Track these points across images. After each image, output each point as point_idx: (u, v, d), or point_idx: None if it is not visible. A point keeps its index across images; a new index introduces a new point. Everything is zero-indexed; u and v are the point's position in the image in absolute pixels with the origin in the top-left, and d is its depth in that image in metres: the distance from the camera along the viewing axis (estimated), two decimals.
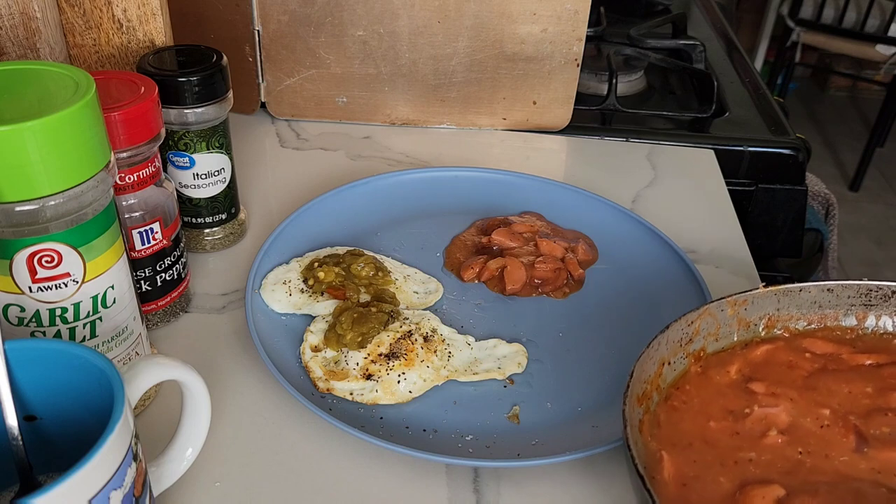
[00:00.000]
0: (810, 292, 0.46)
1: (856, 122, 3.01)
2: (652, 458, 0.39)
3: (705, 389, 0.43)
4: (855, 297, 0.46)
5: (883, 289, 0.46)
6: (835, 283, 0.46)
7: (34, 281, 0.39)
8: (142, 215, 0.51)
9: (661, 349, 0.42)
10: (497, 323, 0.57)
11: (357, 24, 0.77)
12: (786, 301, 0.46)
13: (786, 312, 0.46)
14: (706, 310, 0.44)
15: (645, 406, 0.41)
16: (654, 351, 0.41)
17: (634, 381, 0.39)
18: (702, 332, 0.45)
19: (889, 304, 0.46)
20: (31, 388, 0.35)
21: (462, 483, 0.46)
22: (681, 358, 0.44)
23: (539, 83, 0.80)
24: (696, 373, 0.44)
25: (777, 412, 0.41)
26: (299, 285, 0.57)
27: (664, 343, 0.42)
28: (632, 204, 0.73)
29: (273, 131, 0.83)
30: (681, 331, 0.43)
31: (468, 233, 0.66)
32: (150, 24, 0.59)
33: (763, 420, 0.41)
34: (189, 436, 0.41)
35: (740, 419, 0.41)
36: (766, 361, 0.44)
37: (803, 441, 0.40)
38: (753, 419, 0.41)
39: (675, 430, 0.41)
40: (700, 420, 0.41)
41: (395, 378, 0.50)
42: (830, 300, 0.46)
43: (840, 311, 0.47)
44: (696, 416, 0.41)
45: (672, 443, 0.40)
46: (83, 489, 0.30)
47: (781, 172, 0.84)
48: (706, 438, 0.40)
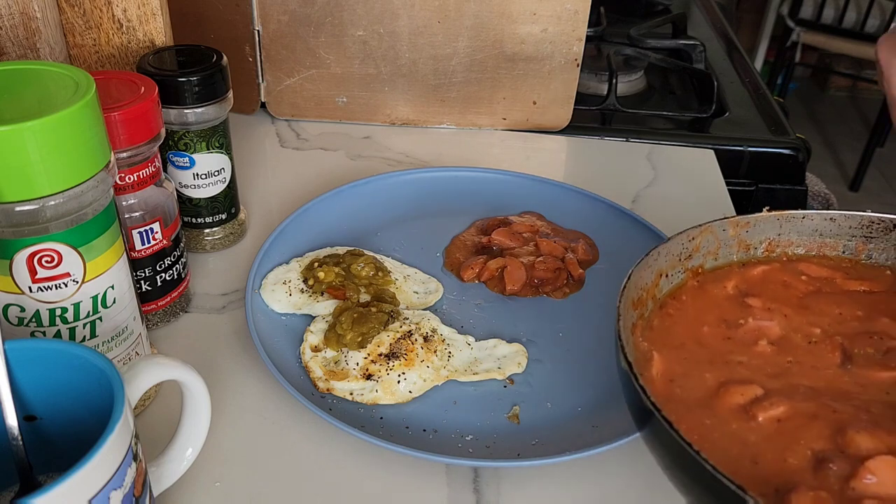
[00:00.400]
0: (812, 220, 0.46)
1: (856, 122, 3.01)
2: (642, 356, 0.40)
3: (701, 300, 0.43)
4: (856, 228, 0.46)
5: (885, 221, 0.46)
6: (837, 213, 0.46)
7: (34, 281, 0.39)
8: (142, 215, 0.51)
9: (659, 259, 0.43)
10: (497, 323, 0.57)
11: (357, 24, 0.77)
12: (787, 227, 0.46)
13: (786, 238, 0.47)
14: (708, 227, 0.45)
15: (639, 312, 0.42)
16: (652, 260, 0.42)
17: (630, 285, 0.40)
18: (702, 248, 0.45)
19: (889, 237, 0.46)
20: (31, 388, 0.35)
21: (462, 483, 0.46)
22: (678, 272, 0.44)
23: (539, 83, 0.80)
24: (692, 286, 0.44)
25: (770, 325, 0.42)
26: (299, 285, 0.57)
27: (663, 254, 0.43)
28: (632, 204, 0.73)
29: (273, 131, 0.83)
30: (681, 245, 0.44)
31: (468, 233, 0.66)
32: (150, 24, 0.59)
33: (756, 330, 0.41)
34: (189, 436, 0.41)
35: (734, 327, 0.42)
36: (762, 280, 0.45)
37: (792, 352, 0.41)
38: (747, 329, 0.41)
39: (668, 332, 0.41)
40: (694, 325, 0.42)
41: (395, 378, 0.50)
42: (832, 229, 0.46)
43: (840, 240, 0.47)
44: (691, 322, 0.42)
45: (663, 343, 0.41)
46: (83, 489, 0.30)
47: (781, 172, 0.84)
48: (698, 340, 0.41)
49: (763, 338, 0.41)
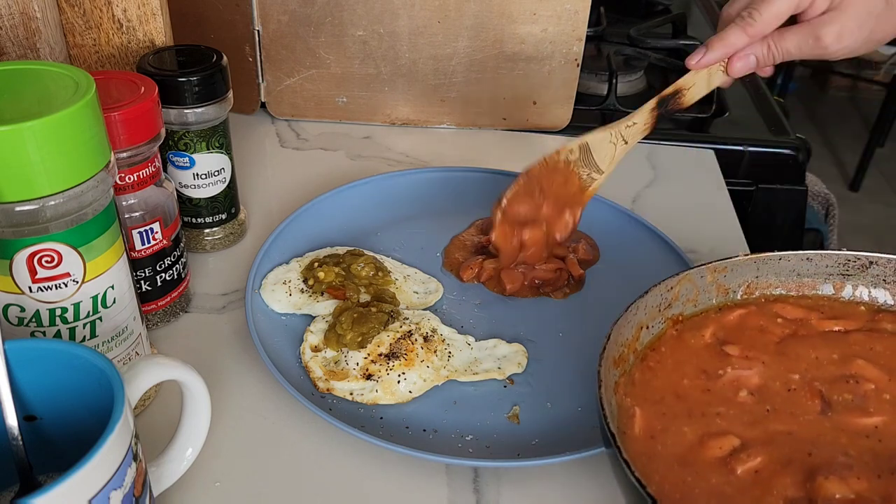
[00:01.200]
0: (789, 261, 0.47)
1: (856, 122, 3.01)
2: (625, 414, 0.40)
3: (680, 351, 0.44)
4: (833, 267, 0.47)
5: (860, 259, 0.46)
6: (814, 253, 0.47)
7: (34, 281, 0.39)
8: (142, 215, 0.51)
9: (639, 313, 0.43)
10: (497, 323, 0.57)
11: (357, 24, 0.77)
12: (765, 269, 0.47)
13: (764, 280, 0.47)
14: (686, 276, 0.45)
15: (622, 369, 0.42)
16: (632, 315, 0.42)
17: (611, 344, 0.40)
18: (681, 297, 0.45)
19: (866, 274, 0.46)
20: (31, 388, 0.35)
21: (462, 483, 0.46)
22: (658, 322, 0.44)
23: (539, 83, 0.80)
24: (671, 335, 0.44)
25: (749, 374, 0.42)
26: (299, 285, 0.57)
27: (642, 307, 0.43)
28: (632, 204, 0.73)
29: (273, 131, 0.83)
30: (660, 296, 0.44)
31: (468, 233, 0.66)
32: (150, 24, 0.59)
33: (735, 381, 0.42)
34: (189, 436, 0.41)
35: (713, 378, 0.42)
36: (739, 326, 0.45)
37: (771, 400, 0.41)
38: (726, 380, 0.42)
39: (649, 387, 0.41)
40: (674, 377, 0.42)
41: (395, 378, 0.50)
42: (809, 269, 0.47)
43: (818, 280, 0.47)
44: (670, 374, 0.42)
45: (645, 398, 0.41)
46: (83, 489, 0.30)
47: (781, 172, 0.84)
48: (678, 393, 0.41)
49: (743, 388, 0.41)
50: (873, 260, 0.46)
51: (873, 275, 0.46)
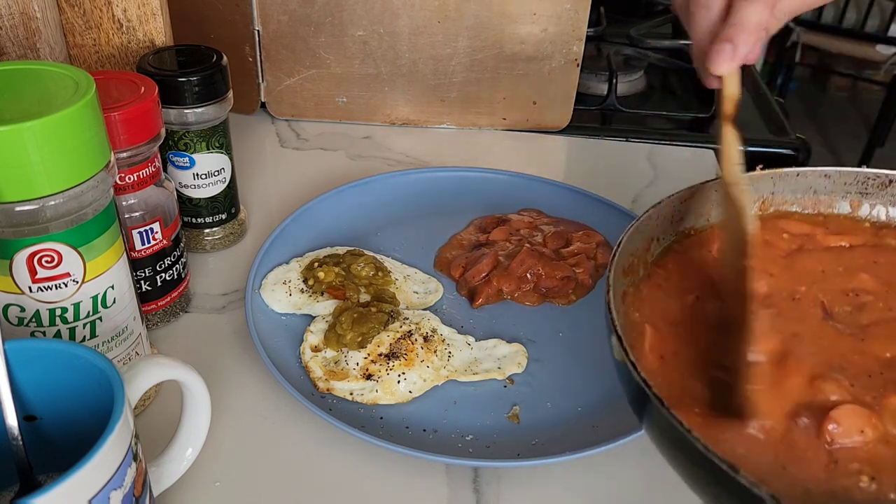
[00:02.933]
0: (807, 177, 0.45)
1: (856, 122, 3.01)
2: (634, 329, 0.39)
3: (687, 266, 0.42)
4: (851, 185, 0.45)
5: (880, 176, 0.45)
6: (832, 169, 0.45)
7: (34, 281, 0.39)
8: (142, 215, 0.51)
9: (651, 224, 0.42)
10: (497, 323, 0.57)
11: (357, 24, 0.77)
12: (781, 185, 0.45)
13: (780, 196, 0.46)
14: (700, 188, 0.44)
15: (631, 279, 0.41)
16: (643, 226, 0.41)
17: (620, 253, 0.39)
18: (693, 210, 0.44)
19: (885, 192, 0.45)
20: (31, 388, 0.35)
21: (462, 483, 0.46)
22: (670, 236, 0.43)
23: (539, 83, 0.80)
24: (676, 251, 0.43)
25: (758, 285, 0.41)
26: (299, 285, 0.57)
27: (654, 218, 0.42)
28: (632, 204, 0.73)
29: (273, 131, 0.83)
30: (672, 207, 0.43)
31: (466, 232, 0.66)
32: (150, 24, 0.59)
33: None
34: (189, 436, 0.41)
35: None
36: None
37: (777, 305, 0.40)
38: None
39: (658, 303, 0.40)
40: (682, 294, 0.41)
41: (395, 378, 0.50)
42: (826, 186, 0.45)
43: (835, 197, 0.46)
44: (678, 290, 0.41)
45: (654, 314, 0.40)
46: (83, 489, 0.30)
47: None
48: (685, 308, 0.40)
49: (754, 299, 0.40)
50: (893, 178, 0.45)
51: (892, 193, 0.45)
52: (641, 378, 0.32)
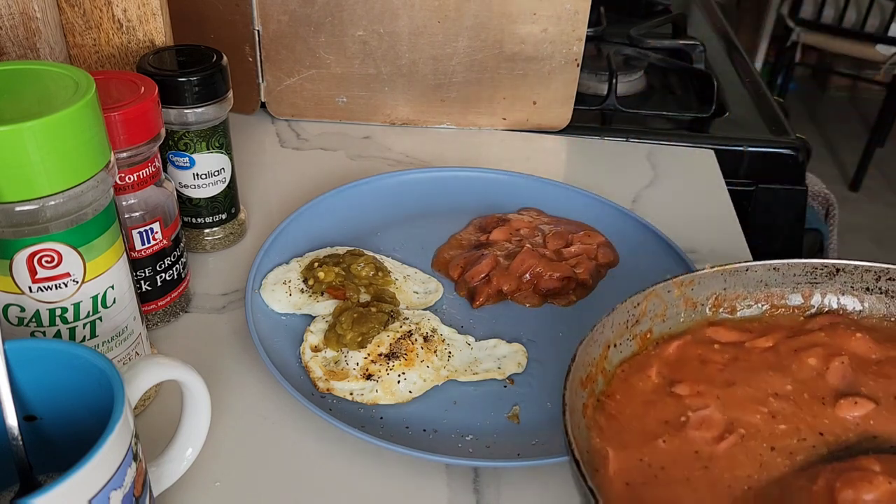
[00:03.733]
0: (756, 271, 0.46)
1: (856, 122, 3.01)
2: (597, 453, 0.38)
3: (633, 396, 0.42)
4: (801, 276, 0.46)
5: (828, 266, 0.46)
6: (781, 262, 0.46)
7: (34, 281, 0.39)
8: (142, 215, 0.51)
9: (605, 332, 0.42)
10: (497, 323, 0.57)
11: (357, 24, 0.77)
12: (732, 280, 0.46)
13: (732, 291, 0.46)
14: (652, 291, 0.44)
15: (589, 389, 0.41)
16: (598, 334, 0.41)
17: (577, 366, 0.39)
18: (648, 313, 0.44)
19: (834, 281, 0.46)
20: (31, 388, 0.35)
21: (462, 483, 0.46)
22: (627, 340, 0.44)
23: (539, 83, 0.80)
24: (620, 377, 0.43)
25: (709, 413, 0.40)
26: (299, 285, 0.57)
27: (609, 326, 0.42)
28: (632, 204, 0.73)
29: (273, 131, 0.83)
30: (627, 313, 0.43)
31: (466, 231, 0.66)
32: (150, 24, 0.59)
33: (701, 423, 0.40)
34: (189, 436, 0.41)
35: (680, 428, 0.40)
36: (679, 359, 0.44)
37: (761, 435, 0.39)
38: (692, 425, 0.40)
39: (620, 433, 0.40)
40: (642, 434, 0.40)
41: (395, 378, 0.50)
42: (776, 279, 0.46)
43: (786, 289, 0.46)
44: (633, 424, 0.40)
45: (618, 443, 0.39)
46: (83, 489, 0.30)
47: (781, 172, 0.84)
48: (653, 455, 0.39)
49: (713, 428, 0.39)
50: (840, 267, 0.46)
51: (841, 282, 0.46)
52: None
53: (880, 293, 0.46)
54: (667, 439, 0.39)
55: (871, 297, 0.46)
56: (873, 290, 0.46)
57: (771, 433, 0.39)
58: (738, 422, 0.40)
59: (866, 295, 0.46)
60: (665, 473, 0.37)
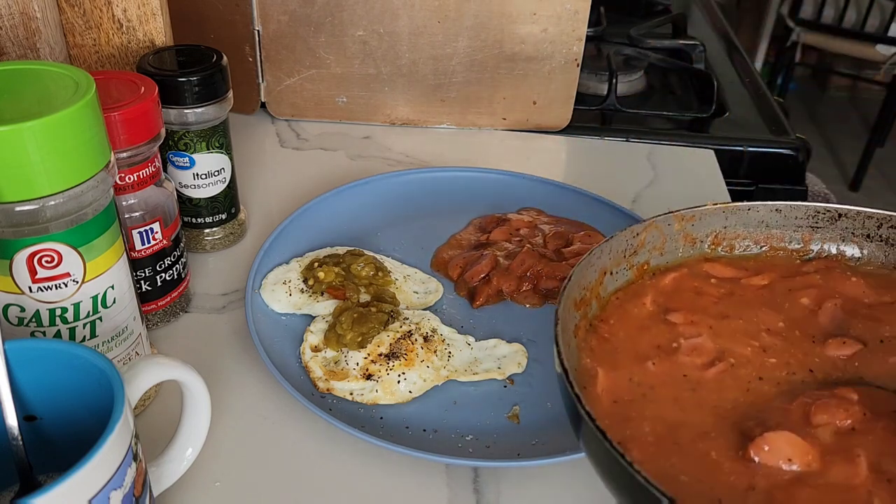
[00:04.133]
0: (758, 211, 0.46)
1: (856, 122, 3.01)
2: (586, 372, 0.39)
3: (627, 322, 0.42)
4: (802, 219, 0.46)
5: (830, 211, 0.45)
6: (783, 204, 0.46)
7: (34, 281, 0.39)
8: (142, 215, 0.51)
9: (603, 257, 0.42)
10: (497, 323, 0.57)
11: (357, 24, 0.77)
12: (733, 219, 0.46)
13: (732, 231, 0.46)
14: (652, 223, 0.44)
15: (582, 312, 0.41)
16: (595, 258, 0.41)
17: (571, 285, 0.39)
18: (647, 244, 0.44)
19: (835, 226, 0.46)
20: (31, 388, 0.35)
21: (462, 483, 0.46)
22: (624, 269, 0.44)
23: (539, 83, 0.80)
24: (614, 304, 0.43)
25: (701, 341, 0.41)
26: (299, 285, 0.57)
27: (607, 251, 0.42)
28: (632, 204, 0.73)
29: (273, 131, 0.83)
30: (625, 241, 0.43)
31: (465, 231, 0.66)
32: (150, 24, 0.59)
33: (693, 350, 0.40)
34: (189, 436, 0.41)
35: (672, 353, 0.40)
36: (675, 289, 0.44)
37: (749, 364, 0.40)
38: (683, 351, 0.40)
39: (611, 355, 0.40)
40: (634, 357, 0.40)
41: (395, 378, 0.50)
42: (778, 220, 0.46)
43: (787, 231, 0.46)
44: (626, 346, 0.41)
45: (608, 363, 0.40)
46: (83, 489, 0.30)
47: (781, 172, 0.84)
48: (643, 377, 0.39)
49: (703, 356, 0.40)
50: (843, 212, 0.46)
51: (842, 227, 0.46)
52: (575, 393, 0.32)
53: (880, 241, 0.45)
54: (657, 362, 0.39)
55: (870, 245, 0.46)
56: (874, 237, 0.46)
57: (761, 365, 0.39)
58: (728, 352, 0.40)
59: (866, 242, 0.46)
60: (653, 392, 0.38)
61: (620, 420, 0.36)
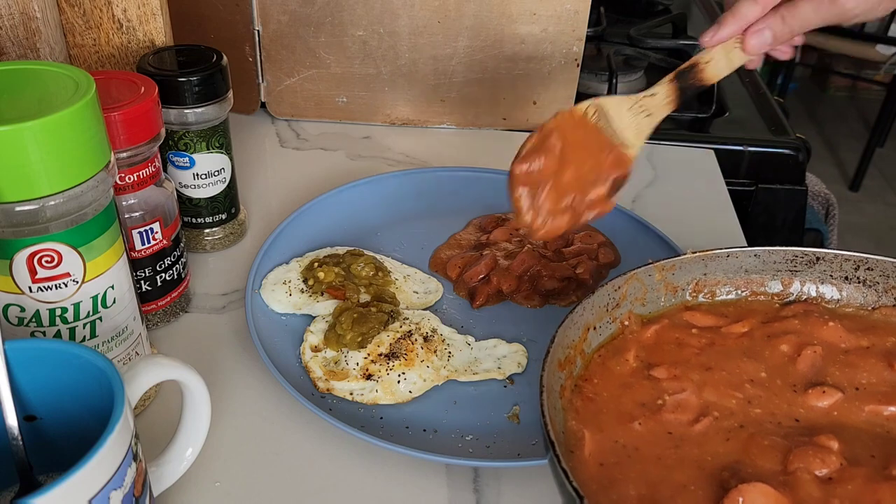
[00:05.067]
0: (737, 258, 0.46)
1: (856, 122, 3.01)
2: (573, 435, 0.38)
3: (610, 380, 0.42)
4: (781, 263, 0.47)
5: (808, 254, 0.46)
6: (761, 249, 0.46)
7: (34, 281, 0.39)
8: (142, 215, 0.51)
9: (585, 314, 0.42)
10: (497, 323, 0.57)
11: (357, 24, 0.77)
12: (713, 266, 0.46)
13: (713, 277, 0.47)
14: (633, 275, 0.44)
15: (567, 371, 0.41)
16: (578, 316, 0.41)
17: (556, 347, 0.39)
18: (629, 296, 0.44)
19: (814, 269, 0.46)
20: (31, 388, 0.35)
21: (462, 483, 0.46)
22: (607, 322, 0.44)
23: (539, 83, 0.80)
24: (597, 362, 0.43)
25: (686, 396, 0.41)
26: (299, 285, 0.57)
27: (589, 308, 0.42)
28: (632, 204, 0.73)
29: (273, 131, 0.83)
30: (607, 295, 0.43)
31: (465, 231, 0.66)
32: (150, 24, 0.59)
33: (678, 407, 0.40)
34: (189, 436, 0.41)
35: (656, 411, 0.40)
36: (657, 342, 0.44)
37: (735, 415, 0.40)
38: (668, 408, 0.40)
39: (596, 416, 0.40)
40: (619, 418, 0.40)
41: (395, 378, 0.50)
42: (757, 265, 0.47)
43: (766, 276, 0.47)
44: (610, 407, 0.41)
45: (594, 425, 0.39)
46: (83, 489, 0.30)
47: (781, 172, 0.84)
48: (628, 438, 0.39)
49: (688, 412, 0.40)
50: (820, 256, 0.46)
51: (820, 270, 0.46)
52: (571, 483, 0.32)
53: (858, 282, 0.46)
54: (642, 421, 0.39)
55: (849, 287, 0.46)
56: (851, 279, 0.46)
57: (745, 417, 0.39)
58: (713, 405, 0.40)
59: (844, 284, 0.46)
60: (638, 453, 0.38)
61: (606, 484, 0.36)
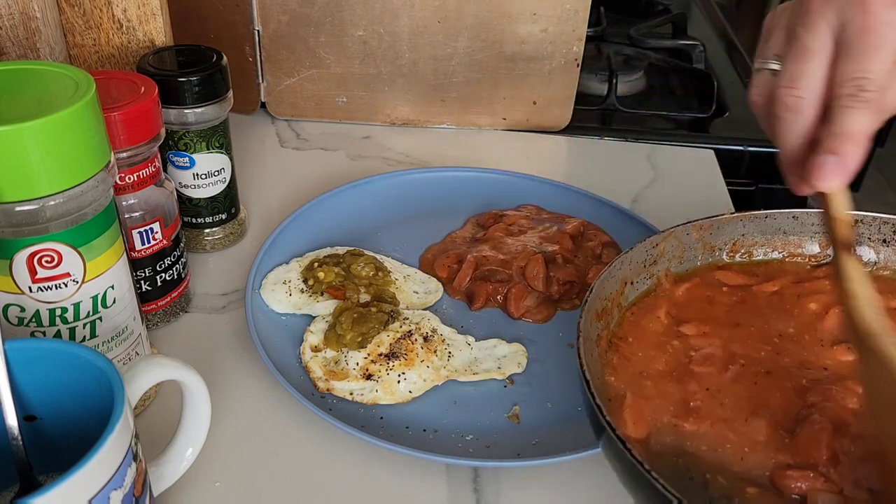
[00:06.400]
0: (775, 219, 0.47)
1: None
2: (615, 394, 0.40)
3: (643, 338, 0.43)
4: (819, 225, 0.47)
5: None
6: (800, 211, 0.47)
7: (34, 281, 0.39)
8: (142, 215, 0.51)
9: (623, 268, 0.43)
10: (497, 323, 0.57)
11: (357, 24, 0.77)
12: (751, 227, 0.47)
13: (750, 238, 0.47)
14: (671, 232, 0.45)
15: (605, 322, 0.42)
16: (616, 270, 0.42)
17: (594, 297, 0.40)
18: (666, 253, 0.45)
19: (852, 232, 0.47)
20: (31, 388, 0.35)
21: (462, 483, 0.46)
22: (644, 278, 0.45)
23: (539, 83, 0.80)
24: (629, 320, 0.44)
25: (713, 351, 0.42)
26: (299, 285, 0.57)
27: (627, 262, 0.43)
28: (632, 204, 0.73)
29: (273, 131, 0.83)
30: (645, 252, 0.44)
31: (464, 229, 0.66)
32: (150, 24, 0.59)
33: (706, 360, 0.41)
34: (189, 436, 0.41)
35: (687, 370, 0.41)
36: (688, 300, 0.45)
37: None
38: (697, 362, 0.41)
39: (631, 376, 0.41)
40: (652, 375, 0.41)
41: (395, 378, 0.50)
42: (795, 227, 0.47)
43: (804, 237, 0.47)
44: (648, 370, 0.42)
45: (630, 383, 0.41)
46: (83, 489, 0.30)
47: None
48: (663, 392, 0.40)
49: (717, 364, 0.41)
50: (859, 218, 0.47)
51: (858, 233, 0.47)
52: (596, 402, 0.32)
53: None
54: (677, 377, 0.41)
55: (886, 249, 0.47)
56: (890, 241, 0.46)
57: (773, 364, 0.40)
58: (740, 356, 0.41)
59: (882, 247, 0.47)
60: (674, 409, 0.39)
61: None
